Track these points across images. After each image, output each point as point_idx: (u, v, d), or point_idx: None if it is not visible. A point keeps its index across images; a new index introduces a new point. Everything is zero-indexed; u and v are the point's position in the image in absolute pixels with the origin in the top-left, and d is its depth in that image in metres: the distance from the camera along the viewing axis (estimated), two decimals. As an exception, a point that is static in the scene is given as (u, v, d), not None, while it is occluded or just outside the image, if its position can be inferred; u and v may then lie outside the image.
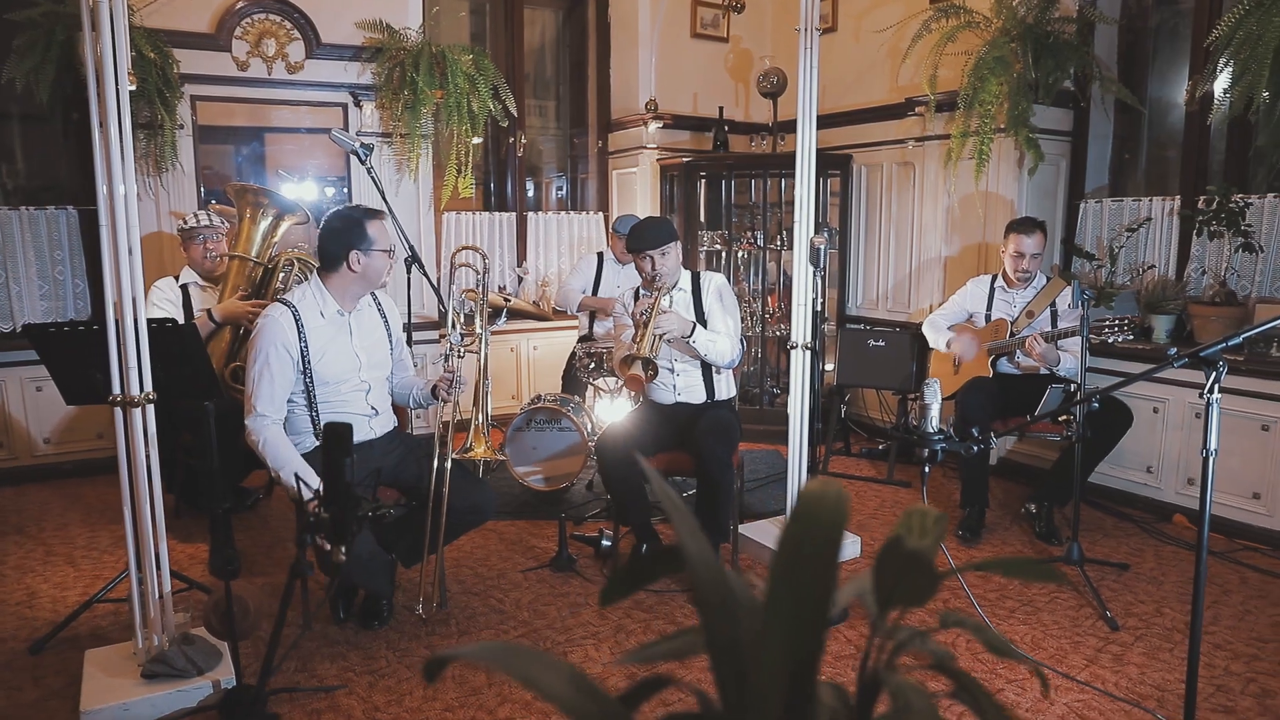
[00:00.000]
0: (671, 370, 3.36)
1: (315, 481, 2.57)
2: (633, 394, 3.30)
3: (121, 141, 2.28)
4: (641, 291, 3.33)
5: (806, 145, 3.28)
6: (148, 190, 4.36)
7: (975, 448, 2.15)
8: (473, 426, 2.97)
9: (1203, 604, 1.88)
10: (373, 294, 2.94)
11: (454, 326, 2.94)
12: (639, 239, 3.28)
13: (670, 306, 3.23)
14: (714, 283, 3.38)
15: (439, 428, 2.74)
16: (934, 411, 2.06)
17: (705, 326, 3.28)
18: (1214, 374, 1.80)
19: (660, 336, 3.11)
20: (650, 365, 3.07)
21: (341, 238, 2.73)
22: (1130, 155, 4.67)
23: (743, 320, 4.69)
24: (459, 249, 3.37)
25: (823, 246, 2.89)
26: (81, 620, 2.92)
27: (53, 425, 4.49)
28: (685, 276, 3.40)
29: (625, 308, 3.36)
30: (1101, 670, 2.63)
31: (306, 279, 2.94)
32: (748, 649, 0.67)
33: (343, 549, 1.37)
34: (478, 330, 3.00)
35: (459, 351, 2.86)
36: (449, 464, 2.76)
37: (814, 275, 2.97)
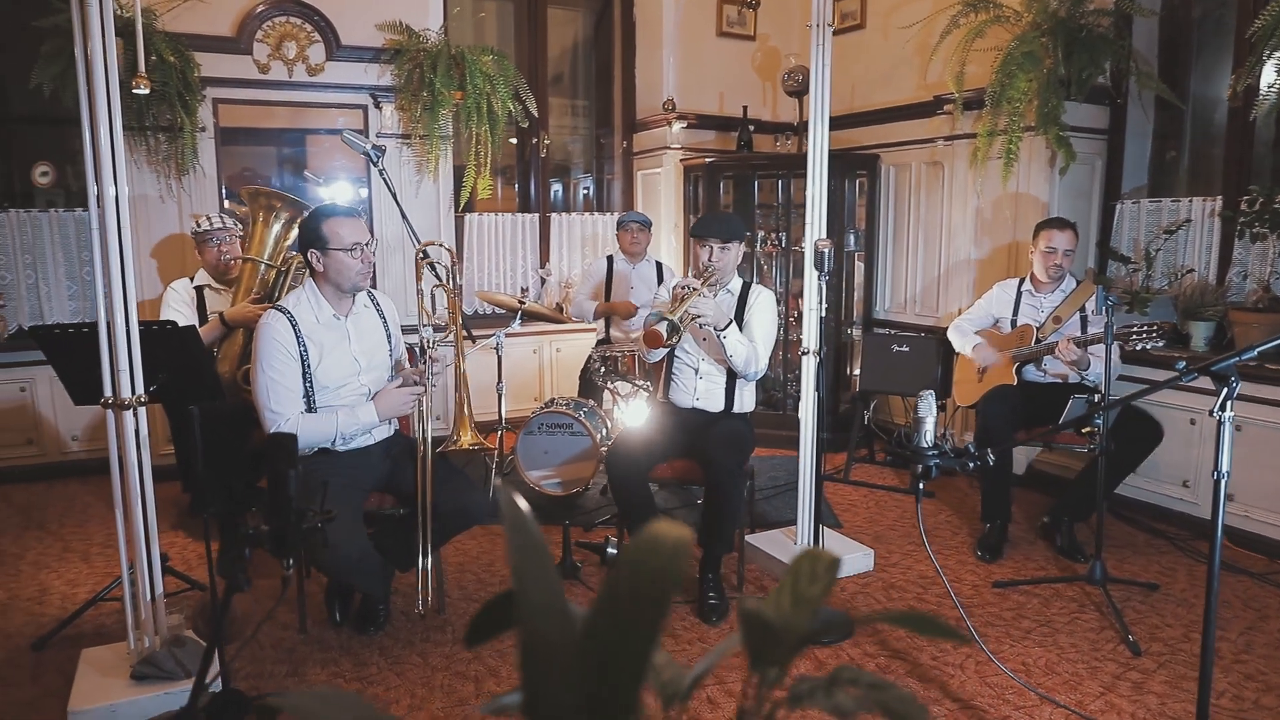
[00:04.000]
0: (696, 371, 3.29)
1: (367, 416, 2.68)
2: (646, 350, 3.21)
3: (113, 141, 2.28)
4: (689, 277, 3.26)
5: (819, 145, 3.18)
6: (170, 193, 4.42)
7: (972, 464, 2.04)
8: (455, 417, 2.94)
9: (1214, 636, 1.75)
10: (371, 296, 2.90)
11: (425, 322, 2.92)
12: (705, 225, 3.24)
13: (714, 298, 3.15)
14: (762, 297, 3.27)
15: (418, 428, 2.72)
16: (928, 425, 1.95)
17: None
18: (1226, 389, 1.66)
19: (694, 316, 3.01)
20: (675, 330, 2.94)
21: (302, 237, 2.72)
22: (1173, 154, 4.45)
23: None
24: (424, 244, 3.34)
25: (827, 250, 2.78)
26: (87, 618, 2.95)
27: (81, 423, 4.58)
28: (736, 282, 3.33)
29: (669, 292, 3.31)
30: (1118, 699, 2.49)
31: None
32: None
33: (288, 562, 1.34)
34: (443, 325, 2.99)
35: (432, 343, 2.83)
36: (429, 463, 2.72)
37: (819, 280, 2.86)
